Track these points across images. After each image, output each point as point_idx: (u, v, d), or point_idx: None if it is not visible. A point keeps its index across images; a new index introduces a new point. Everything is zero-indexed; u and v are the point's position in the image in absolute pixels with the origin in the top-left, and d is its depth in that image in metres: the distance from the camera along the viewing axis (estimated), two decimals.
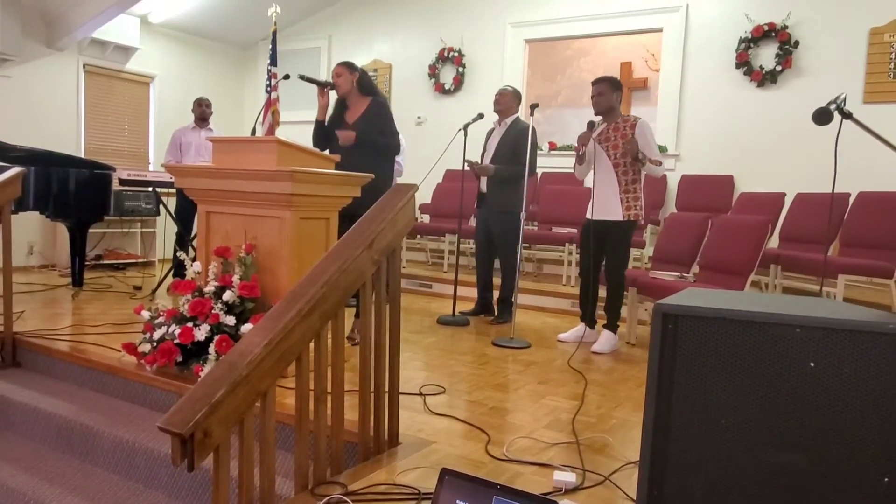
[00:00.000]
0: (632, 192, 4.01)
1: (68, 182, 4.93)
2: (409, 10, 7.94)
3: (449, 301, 5.01)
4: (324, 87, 4.05)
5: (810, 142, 5.45)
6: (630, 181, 4.01)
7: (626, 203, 4.00)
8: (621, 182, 4.01)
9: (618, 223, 4.01)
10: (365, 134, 3.90)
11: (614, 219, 4.01)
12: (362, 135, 3.89)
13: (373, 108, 4.01)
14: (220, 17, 8.00)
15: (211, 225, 3.31)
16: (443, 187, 7.10)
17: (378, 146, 3.93)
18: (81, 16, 6.59)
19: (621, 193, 4.01)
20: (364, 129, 3.91)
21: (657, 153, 4.02)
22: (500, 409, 2.88)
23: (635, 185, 4.02)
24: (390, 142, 4.01)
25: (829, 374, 1.24)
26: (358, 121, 3.98)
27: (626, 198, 4.00)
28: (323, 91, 4.05)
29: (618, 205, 4.00)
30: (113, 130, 7.62)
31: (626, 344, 4.26)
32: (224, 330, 2.97)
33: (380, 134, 3.94)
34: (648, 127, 4.04)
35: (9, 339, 3.68)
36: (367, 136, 3.89)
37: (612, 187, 4.02)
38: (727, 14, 6.20)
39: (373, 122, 3.95)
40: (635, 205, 4.01)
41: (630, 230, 4.08)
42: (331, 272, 2.02)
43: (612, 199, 4.02)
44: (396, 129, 4.09)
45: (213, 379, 1.70)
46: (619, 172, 4.02)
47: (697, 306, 1.35)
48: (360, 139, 3.87)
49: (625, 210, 4.00)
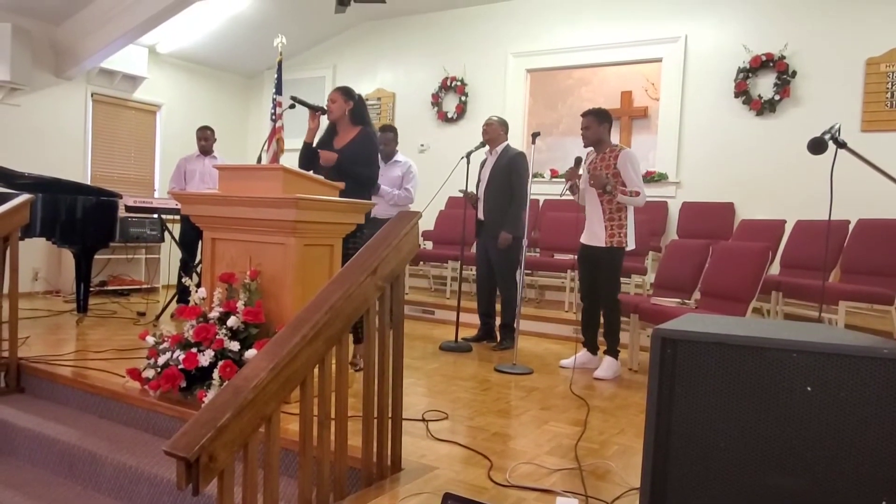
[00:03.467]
0: (616, 220, 4.09)
1: (75, 209, 4.98)
2: (412, 40, 8.08)
3: (452, 327, 5.02)
4: (315, 111, 4.07)
5: (810, 169, 5.50)
6: (615, 209, 4.09)
7: (610, 230, 4.09)
8: (605, 210, 4.11)
9: (603, 249, 4.11)
10: (346, 161, 3.88)
11: (599, 245, 4.11)
12: (343, 161, 3.88)
13: (360, 139, 3.99)
14: (227, 48, 8.15)
15: (216, 251, 3.35)
16: (445, 214, 7.15)
17: (357, 176, 3.90)
18: (91, 46, 6.72)
19: (605, 221, 4.11)
20: (347, 156, 3.91)
21: (637, 183, 4.06)
22: (503, 435, 2.89)
23: (620, 214, 4.09)
24: (370, 173, 4.00)
25: (827, 399, 1.27)
26: (344, 148, 3.98)
27: (609, 225, 4.09)
28: (314, 115, 4.07)
29: (602, 231, 4.11)
30: (119, 158, 7.72)
31: (629, 370, 4.27)
32: (228, 355, 2.99)
33: (360, 164, 3.91)
34: (632, 156, 4.10)
35: (14, 364, 3.69)
36: (347, 164, 3.88)
37: (598, 215, 4.14)
38: (725, 45, 6.30)
39: (357, 152, 3.93)
40: (619, 232, 4.08)
41: (615, 256, 4.13)
42: (335, 298, 2.05)
43: (597, 227, 4.14)
44: (378, 161, 4.09)
45: (219, 403, 1.72)
46: (604, 201, 4.11)
47: (696, 331, 1.38)
48: (340, 166, 3.86)
49: (608, 237, 4.08)
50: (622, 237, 4.09)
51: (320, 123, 4.08)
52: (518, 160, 4.80)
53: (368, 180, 4.01)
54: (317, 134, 4.09)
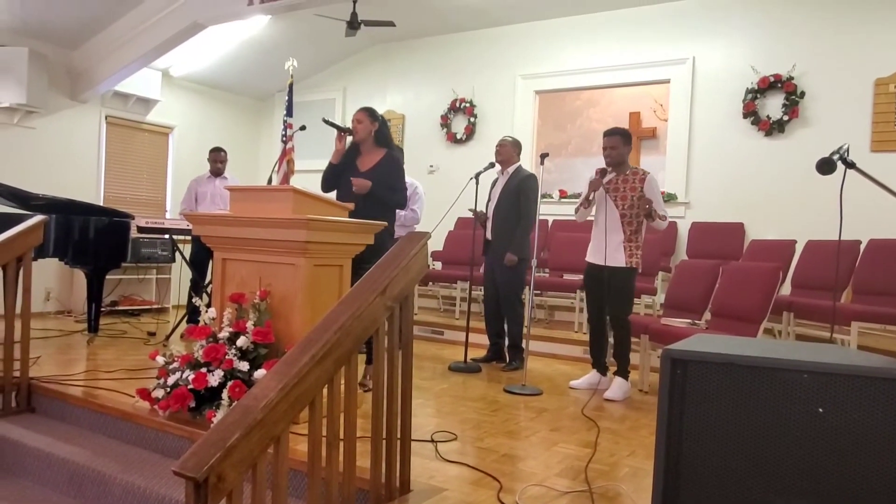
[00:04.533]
0: (635, 241, 4.13)
1: (88, 230, 5.03)
2: (421, 62, 8.17)
3: (461, 348, 5.01)
4: (343, 132, 4.12)
5: (819, 190, 5.48)
6: (634, 231, 4.13)
7: (629, 251, 4.11)
8: (626, 231, 4.12)
9: (621, 269, 4.10)
10: (377, 186, 3.95)
11: (618, 265, 4.10)
12: (375, 187, 3.95)
13: (386, 162, 4.06)
14: (238, 71, 8.26)
15: (226, 271, 3.37)
16: (454, 235, 7.17)
17: (388, 201, 3.98)
18: (106, 70, 6.84)
19: (625, 242, 4.12)
20: (377, 181, 3.97)
21: (663, 207, 4.12)
22: (512, 457, 2.87)
23: (637, 236, 4.15)
24: (398, 198, 4.07)
25: (839, 420, 1.26)
26: (370, 171, 4.03)
27: (629, 246, 4.11)
28: (341, 136, 4.11)
29: (621, 252, 4.11)
30: (132, 179, 7.80)
31: (639, 391, 4.23)
32: (237, 376, 2.99)
33: (389, 189, 3.99)
34: (656, 181, 4.17)
35: (24, 384, 3.71)
36: (378, 188, 3.95)
37: (618, 236, 4.13)
38: (733, 66, 6.33)
39: (385, 176, 4.00)
40: (637, 253, 4.13)
41: (632, 277, 4.17)
42: (344, 318, 2.06)
43: (616, 247, 4.13)
44: (405, 184, 4.16)
45: (228, 423, 1.72)
46: (625, 223, 4.12)
47: (706, 352, 1.38)
48: (372, 190, 3.94)
49: (627, 257, 4.10)
50: (639, 258, 4.14)
51: (346, 145, 4.12)
52: (528, 182, 4.82)
53: (397, 204, 4.10)
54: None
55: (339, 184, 4.09)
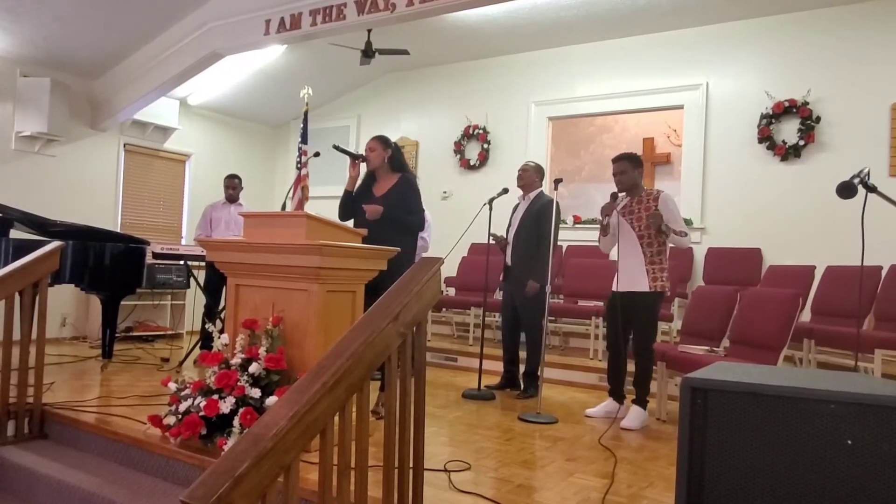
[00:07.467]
0: (657, 263, 4.02)
1: (104, 256, 5.07)
2: (434, 90, 8.24)
3: (474, 375, 4.95)
4: (356, 159, 4.15)
5: (838, 214, 5.41)
6: (655, 252, 4.02)
7: (653, 274, 4.00)
8: (646, 254, 4.03)
9: (644, 294, 4.01)
10: (391, 210, 3.97)
11: (641, 290, 4.01)
12: (389, 211, 3.96)
13: (401, 185, 4.09)
14: (254, 99, 8.38)
15: (240, 297, 3.36)
16: (468, 261, 7.15)
17: (403, 223, 4.00)
18: (125, 99, 6.97)
19: (647, 265, 4.02)
20: (391, 204, 3.99)
21: (682, 224, 4.06)
22: (528, 487, 2.80)
23: (661, 257, 4.03)
24: (415, 220, 4.08)
25: (868, 452, 1.21)
26: (385, 196, 4.05)
27: (651, 269, 4.01)
28: (354, 163, 4.15)
29: (644, 276, 4.01)
30: (149, 206, 7.89)
31: (657, 420, 4.15)
32: (249, 402, 2.96)
33: (405, 211, 4.01)
34: (672, 199, 4.09)
35: (37, 410, 3.70)
36: (393, 212, 3.97)
37: (638, 259, 4.04)
38: (747, 91, 6.32)
39: (400, 199, 4.02)
40: (661, 276, 4.01)
41: (657, 302, 4.06)
42: (356, 345, 2.03)
43: (637, 271, 4.03)
44: (422, 206, 4.17)
45: (238, 452, 1.69)
46: (644, 244, 4.04)
47: (727, 380, 1.33)
48: (386, 215, 3.95)
49: (651, 281, 4.00)
50: (665, 280, 4.02)
51: (360, 171, 4.15)
52: (549, 208, 4.75)
53: (415, 226, 4.09)
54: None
55: (356, 211, 4.11)
